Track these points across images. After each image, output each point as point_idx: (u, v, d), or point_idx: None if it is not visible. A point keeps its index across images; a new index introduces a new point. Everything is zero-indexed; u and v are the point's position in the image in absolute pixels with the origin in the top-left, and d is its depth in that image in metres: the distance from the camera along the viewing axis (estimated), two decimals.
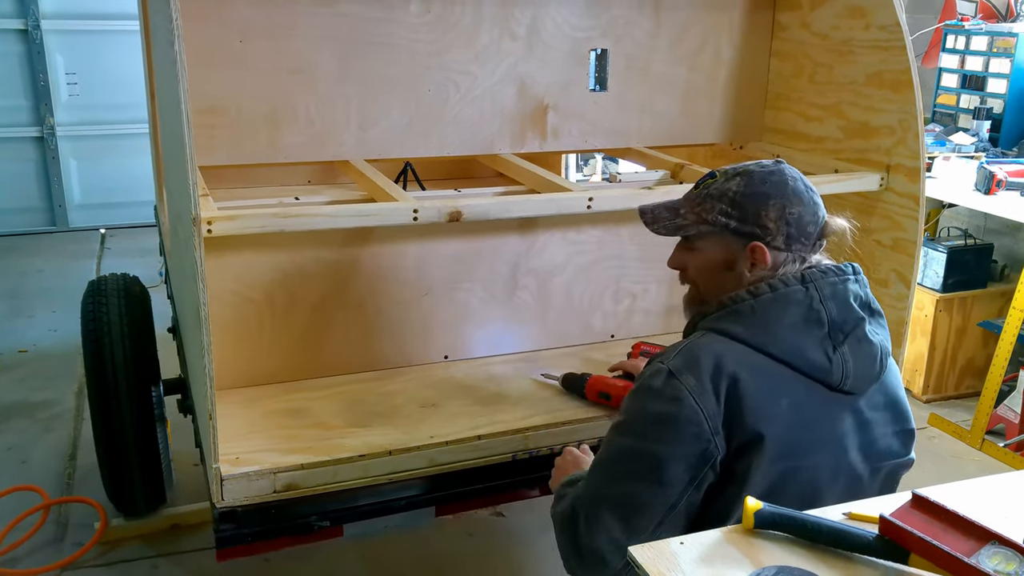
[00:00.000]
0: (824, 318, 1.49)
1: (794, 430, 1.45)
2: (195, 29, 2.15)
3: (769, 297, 1.50)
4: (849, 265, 1.57)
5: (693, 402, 1.41)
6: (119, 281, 2.68)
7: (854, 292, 1.53)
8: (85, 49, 5.76)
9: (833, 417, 1.51)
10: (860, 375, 1.51)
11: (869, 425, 1.55)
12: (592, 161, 6.18)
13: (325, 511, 1.90)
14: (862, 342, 1.51)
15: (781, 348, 1.47)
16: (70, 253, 5.59)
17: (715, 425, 1.42)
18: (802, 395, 1.47)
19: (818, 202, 1.58)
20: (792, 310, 1.49)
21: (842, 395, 1.51)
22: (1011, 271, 3.89)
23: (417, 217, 1.98)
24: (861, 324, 1.52)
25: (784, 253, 1.54)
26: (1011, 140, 4.08)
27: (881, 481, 1.59)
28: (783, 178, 1.57)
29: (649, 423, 1.46)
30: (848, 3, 2.48)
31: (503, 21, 2.47)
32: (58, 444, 3.33)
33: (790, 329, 1.48)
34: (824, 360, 1.48)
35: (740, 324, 1.50)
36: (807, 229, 1.54)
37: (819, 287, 1.50)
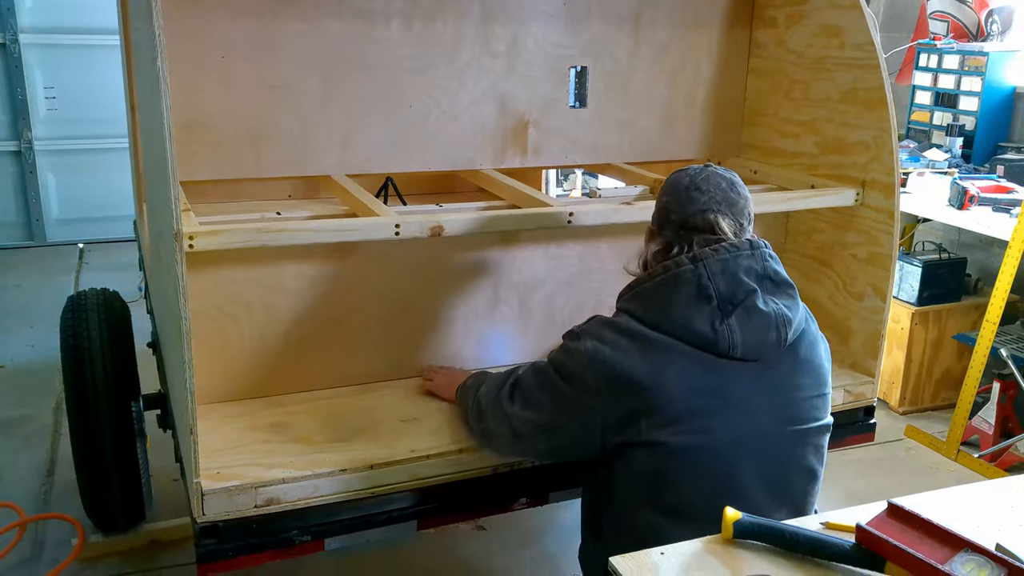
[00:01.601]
0: (712, 293, 1.65)
1: (683, 396, 1.62)
2: (178, 45, 2.15)
3: (662, 279, 1.70)
4: (748, 241, 1.73)
5: (584, 360, 1.68)
6: (99, 296, 2.67)
7: (746, 266, 1.68)
8: (64, 63, 5.74)
9: (728, 383, 1.65)
10: (752, 343, 1.66)
11: (778, 389, 1.69)
12: (572, 177, 6.22)
13: (306, 526, 1.89)
14: (752, 312, 1.65)
15: (672, 324, 1.66)
16: (48, 268, 5.55)
17: (597, 384, 1.66)
18: (688, 363, 1.64)
19: (694, 199, 1.75)
20: (683, 288, 1.67)
21: (740, 363, 1.66)
22: (984, 285, 3.95)
23: (399, 232, 1.99)
24: (752, 295, 1.66)
25: (656, 236, 1.81)
26: (983, 156, 4.15)
27: (810, 445, 1.72)
28: (678, 175, 1.83)
29: (558, 364, 1.76)
30: (823, 22, 2.52)
31: (484, 39, 2.50)
32: (35, 460, 3.30)
33: (682, 306, 1.66)
34: (709, 331, 1.64)
35: (640, 304, 1.72)
36: (670, 218, 1.78)
37: (708, 264, 1.67)
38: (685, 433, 1.62)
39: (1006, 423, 3.59)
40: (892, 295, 2.47)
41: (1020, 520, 1.35)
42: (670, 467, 1.63)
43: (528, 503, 2.16)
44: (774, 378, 1.69)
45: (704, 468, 1.63)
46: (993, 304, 3.36)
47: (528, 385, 1.81)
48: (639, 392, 1.63)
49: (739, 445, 1.64)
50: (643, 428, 1.63)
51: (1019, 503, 1.40)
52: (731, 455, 1.64)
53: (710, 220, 1.74)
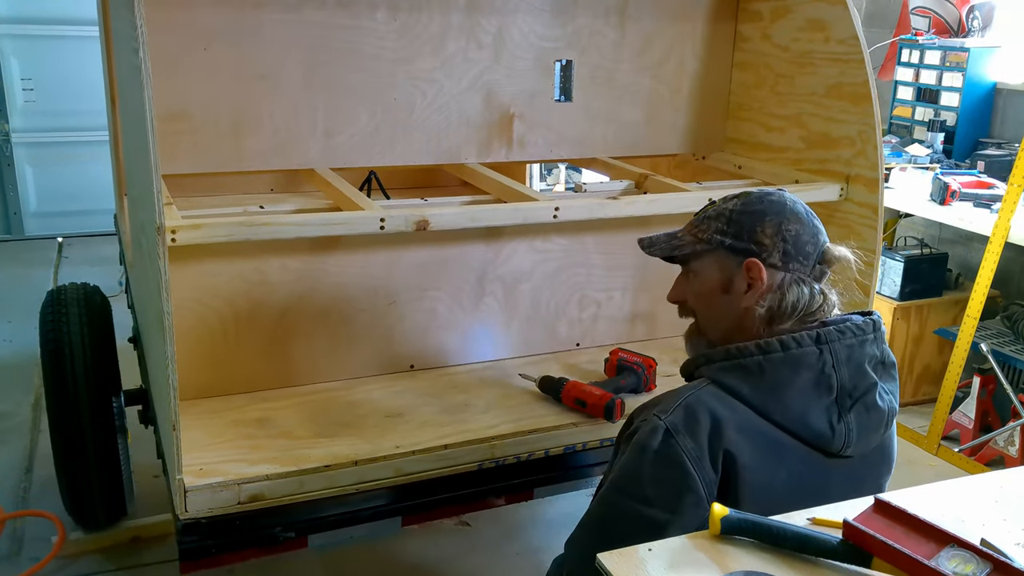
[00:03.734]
0: (834, 384, 1.42)
1: (787, 502, 1.37)
2: (158, 36, 2.12)
3: (780, 357, 1.42)
4: (871, 322, 1.50)
5: (692, 469, 1.35)
6: (79, 291, 2.64)
7: (870, 355, 1.47)
8: (41, 54, 5.66)
9: (827, 482, 1.45)
10: (863, 440, 1.46)
11: (864, 483, 1.49)
12: (555, 171, 6.21)
13: (290, 522, 1.88)
14: (871, 410, 1.46)
15: (786, 416, 1.41)
16: (25, 262, 5.48)
17: (711, 491, 1.37)
18: (800, 465, 1.42)
19: (819, 226, 1.52)
20: (803, 374, 1.41)
21: (840, 459, 1.47)
22: (965, 280, 3.98)
23: (384, 226, 1.98)
24: (872, 390, 1.46)
25: (781, 273, 1.48)
26: (964, 152, 4.18)
27: None
28: (781, 198, 1.53)
29: (648, 486, 1.37)
30: (808, 16, 2.53)
31: (470, 30, 2.48)
32: (14, 457, 3.26)
33: (798, 394, 1.41)
34: (827, 429, 1.42)
35: (746, 383, 1.42)
36: (805, 248, 1.48)
37: (834, 350, 1.43)
38: None
39: (986, 417, 3.62)
40: (875, 290, 2.48)
41: (1004, 515, 1.36)
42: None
43: (513, 499, 2.15)
44: (863, 472, 1.50)
45: None
46: (974, 299, 3.39)
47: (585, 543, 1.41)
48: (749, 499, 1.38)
49: None
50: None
51: (1003, 498, 1.41)
52: None
53: (838, 251, 1.52)
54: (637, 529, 1.34)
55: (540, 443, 2.08)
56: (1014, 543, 1.28)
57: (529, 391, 2.28)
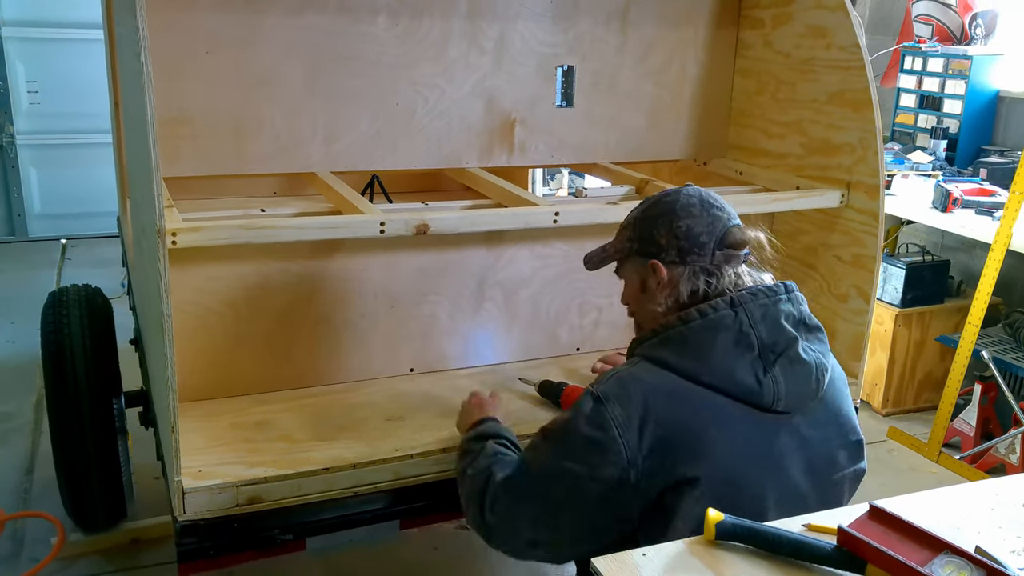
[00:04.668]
0: (754, 341, 1.51)
1: (727, 459, 1.47)
2: (161, 40, 2.14)
3: (699, 324, 1.53)
4: (781, 284, 1.60)
5: (616, 433, 1.46)
6: (81, 292, 2.65)
7: (786, 312, 1.55)
8: (47, 57, 5.69)
9: (768, 439, 1.52)
10: (794, 394, 1.53)
11: (809, 443, 1.56)
12: (559, 176, 6.22)
13: (289, 525, 1.88)
14: (795, 362, 1.53)
15: (712, 375, 1.49)
16: (29, 263, 5.50)
17: (633, 457, 1.45)
18: (733, 421, 1.49)
19: (717, 215, 1.62)
20: (722, 335, 1.51)
21: (777, 415, 1.53)
22: (967, 287, 3.98)
23: (384, 230, 1.98)
24: (793, 344, 1.53)
25: (680, 267, 1.60)
26: (966, 159, 4.18)
27: (829, 495, 1.60)
28: (675, 197, 1.65)
29: (574, 443, 1.51)
30: (809, 23, 2.53)
31: (471, 35, 2.49)
32: (15, 458, 3.27)
33: (721, 355, 1.50)
34: (754, 383, 1.50)
35: (672, 353, 1.53)
36: (700, 240, 1.60)
37: (749, 310, 1.53)
38: (728, 497, 1.44)
39: (987, 425, 3.62)
40: (876, 297, 2.48)
41: (999, 522, 1.36)
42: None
43: None
44: (805, 430, 1.56)
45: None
46: (975, 306, 3.38)
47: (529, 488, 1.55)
48: (683, 462, 1.45)
49: (777, 503, 1.51)
50: (686, 494, 1.45)
51: (999, 505, 1.41)
52: (769, 514, 1.47)
53: (744, 232, 1.63)
54: (555, 478, 1.50)
55: None
56: (1009, 550, 1.28)
57: (529, 395, 2.29)
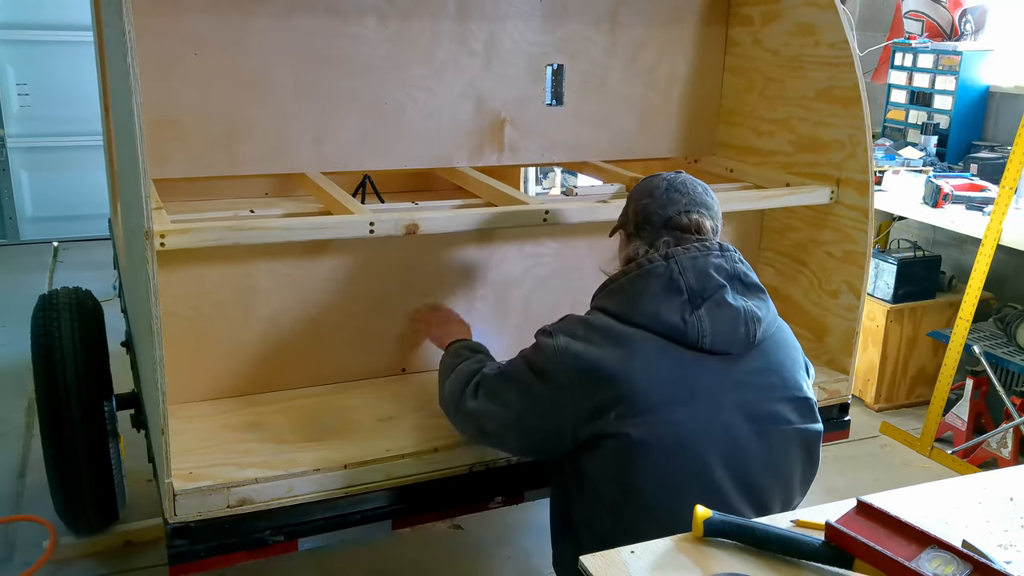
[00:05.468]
0: (683, 286, 1.70)
1: (650, 387, 1.65)
2: (150, 42, 2.14)
3: (636, 273, 1.75)
4: (717, 243, 1.78)
5: (554, 357, 1.72)
6: (71, 295, 2.64)
7: (716, 264, 1.74)
8: (37, 60, 5.66)
9: (695, 374, 1.68)
10: (721, 334, 1.69)
11: (745, 386, 1.71)
12: (551, 175, 6.22)
13: (280, 526, 1.88)
14: (721, 305, 1.70)
15: (640, 315, 1.70)
16: (21, 266, 5.49)
17: (568, 380, 1.69)
18: (657, 354, 1.68)
19: (675, 199, 1.81)
20: (654, 282, 1.72)
21: (709, 355, 1.69)
22: (958, 282, 3.99)
23: (374, 230, 1.98)
24: (721, 290, 1.71)
25: (635, 239, 1.84)
26: (957, 155, 4.19)
27: (774, 446, 1.72)
28: (651, 179, 1.89)
29: (530, 361, 1.78)
30: (798, 20, 2.54)
31: (461, 36, 2.49)
32: (6, 462, 3.27)
33: (651, 298, 1.71)
34: (679, 322, 1.68)
35: (611, 299, 1.77)
36: (651, 219, 1.82)
37: (679, 261, 1.73)
38: (653, 424, 1.64)
39: (979, 419, 3.63)
40: (867, 292, 2.48)
41: (987, 516, 1.37)
42: (638, 458, 1.64)
43: (504, 502, 2.16)
44: (740, 374, 1.71)
45: (671, 459, 1.64)
46: (966, 302, 3.39)
47: (496, 383, 1.84)
48: (608, 384, 1.66)
49: (705, 436, 1.66)
50: (612, 419, 1.65)
51: (986, 500, 1.41)
52: (698, 446, 1.65)
53: (695, 219, 1.80)
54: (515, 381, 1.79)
55: None
56: (996, 544, 1.29)
57: None
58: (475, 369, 1.93)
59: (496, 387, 1.83)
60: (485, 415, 1.84)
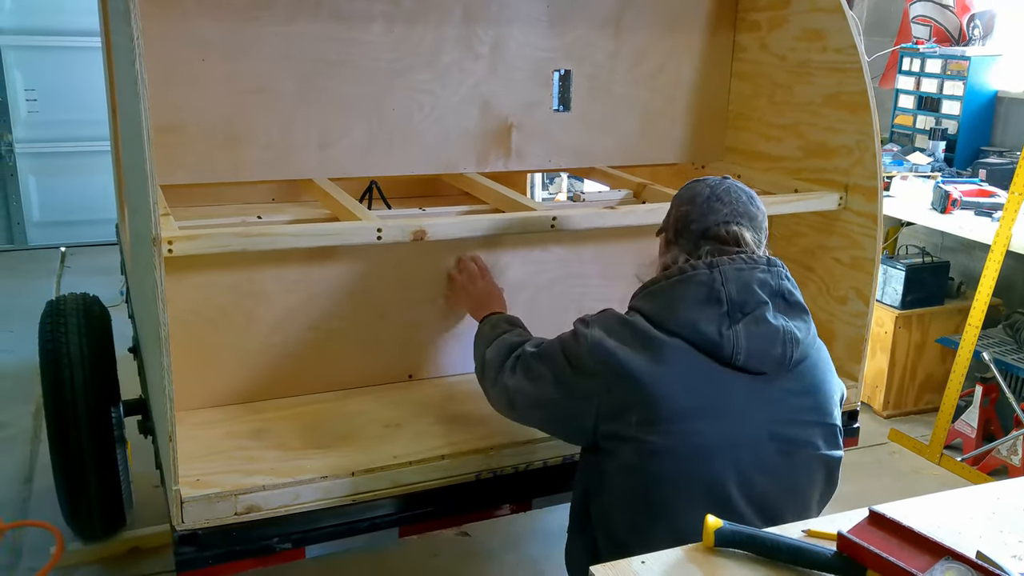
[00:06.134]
0: (723, 298, 1.65)
1: (676, 396, 1.62)
2: (157, 48, 2.13)
3: (677, 278, 1.70)
4: (765, 257, 1.72)
5: (587, 346, 1.70)
6: (79, 301, 2.64)
7: (760, 280, 1.68)
8: (45, 65, 5.69)
9: (726, 389, 1.64)
10: (757, 353, 1.64)
11: (778, 406, 1.67)
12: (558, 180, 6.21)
13: (287, 533, 1.88)
14: (760, 323, 1.65)
15: (677, 322, 1.66)
16: (28, 272, 5.50)
17: (597, 369, 1.68)
18: (688, 365, 1.64)
19: (716, 209, 1.75)
20: (694, 289, 1.67)
21: (743, 373, 1.64)
22: (967, 288, 3.97)
23: (381, 236, 1.98)
24: (762, 307, 1.65)
25: (674, 246, 1.80)
26: (965, 160, 4.17)
27: (798, 468, 1.69)
28: (695, 185, 1.82)
29: (565, 346, 1.78)
30: (805, 26, 2.53)
31: (466, 41, 2.49)
32: (13, 467, 3.27)
33: (690, 306, 1.66)
34: (715, 335, 1.63)
35: (650, 302, 1.72)
36: (690, 227, 1.77)
37: (723, 271, 1.67)
38: (673, 434, 1.61)
39: (988, 426, 3.61)
40: (875, 299, 2.47)
41: (1001, 527, 1.35)
42: (655, 465, 1.62)
43: (512, 510, 2.15)
44: (774, 394, 1.66)
45: (688, 470, 1.62)
46: (975, 308, 3.38)
47: (532, 361, 1.84)
48: (635, 386, 1.63)
49: (726, 451, 1.62)
50: (633, 423, 1.63)
51: (1000, 510, 1.40)
52: (717, 460, 1.62)
53: (733, 231, 1.73)
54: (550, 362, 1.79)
55: (538, 453, 2.08)
56: (1010, 555, 1.27)
57: None
58: (517, 342, 1.94)
59: (532, 366, 1.83)
60: (518, 391, 1.84)
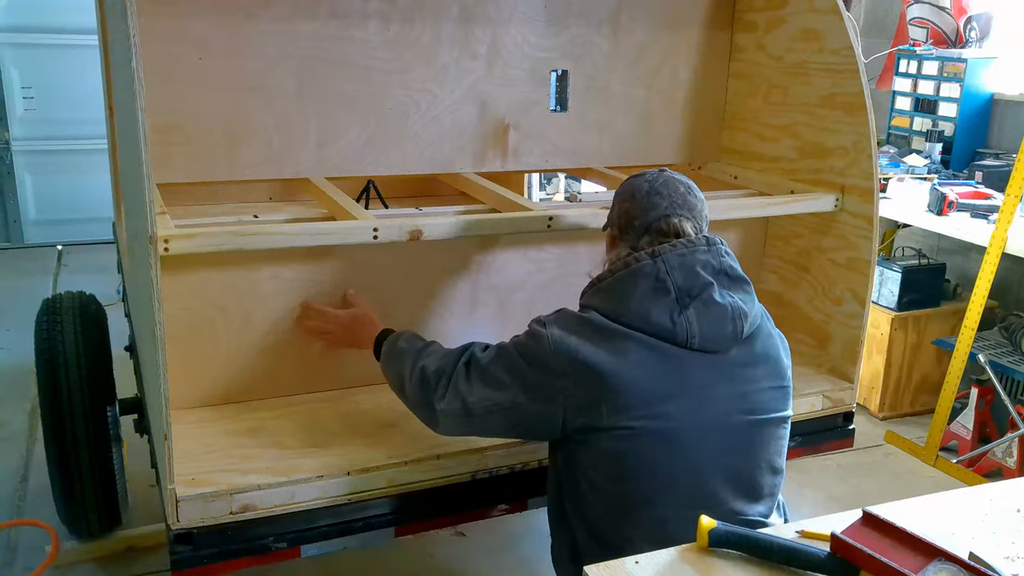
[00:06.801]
0: (670, 286, 1.71)
1: (642, 382, 1.67)
2: (154, 46, 2.14)
3: (623, 273, 1.75)
4: (704, 237, 1.78)
5: (548, 346, 1.72)
6: (74, 299, 2.64)
7: (703, 261, 1.74)
8: (42, 63, 5.68)
9: (687, 371, 1.70)
10: (710, 334, 1.71)
11: (737, 380, 1.74)
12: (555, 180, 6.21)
13: (282, 532, 1.88)
14: (709, 305, 1.71)
15: (630, 315, 1.71)
16: (24, 270, 5.49)
17: (562, 369, 1.69)
18: (647, 353, 1.69)
19: (655, 204, 1.80)
20: (641, 281, 1.72)
21: (700, 353, 1.70)
22: (963, 290, 3.98)
23: (378, 236, 1.98)
24: (708, 288, 1.72)
25: (619, 241, 1.85)
26: (962, 162, 4.18)
27: (769, 435, 1.77)
28: (634, 180, 1.88)
29: (523, 348, 1.78)
30: (802, 26, 2.53)
31: (463, 40, 2.49)
32: (9, 466, 3.26)
33: (640, 298, 1.71)
34: (668, 323, 1.69)
35: (602, 298, 1.76)
36: (633, 223, 1.82)
37: (666, 259, 1.72)
38: (645, 418, 1.65)
39: (984, 428, 3.61)
40: (871, 300, 2.47)
41: (994, 528, 1.36)
42: (630, 451, 1.66)
43: (507, 509, 2.15)
44: (731, 369, 1.73)
45: (663, 453, 1.67)
46: (971, 310, 3.38)
47: (488, 364, 1.81)
48: (600, 378, 1.67)
49: (698, 431, 1.68)
50: (604, 413, 1.66)
51: (993, 511, 1.40)
52: (690, 440, 1.67)
53: (674, 224, 1.79)
54: (508, 366, 1.78)
55: (533, 454, 2.08)
56: (1003, 556, 1.28)
57: None
58: (456, 351, 1.88)
59: (490, 371, 1.80)
60: (477, 399, 1.80)
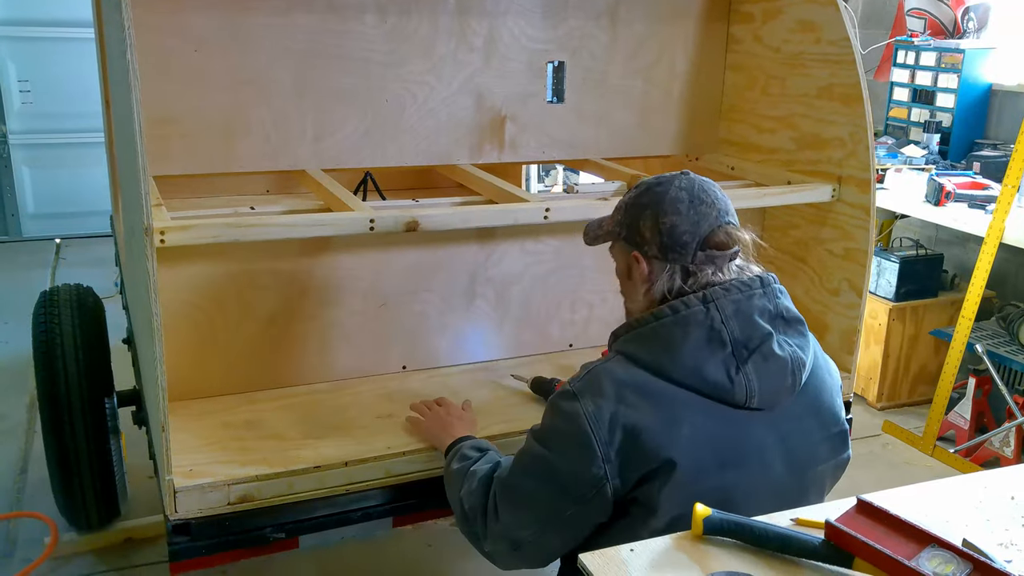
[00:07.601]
0: (726, 338, 1.49)
1: (699, 453, 1.46)
2: (150, 39, 2.13)
3: (670, 320, 1.51)
4: (757, 278, 1.56)
5: (587, 426, 1.47)
6: (72, 292, 2.64)
7: (760, 307, 1.53)
8: (38, 56, 5.67)
9: (744, 434, 1.51)
10: (768, 391, 1.51)
11: (789, 436, 1.56)
12: (553, 172, 6.21)
13: (280, 523, 1.88)
14: (768, 358, 1.50)
15: (681, 372, 1.48)
16: (22, 263, 5.49)
17: (606, 452, 1.46)
18: (704, 418, 1.48)
19: (704, 213, 1.56)
20: (693, 332, 1.49)
21: (753, 411, 1.51)
22: (961, 280, 3.98)
23: (374, 227, 1.98)
24: (768, 340, 1.51)
25: (661, 263, 1.57)
26: (959, 153, 4.18)
27: (810, 488, 1.61)
28: (666, 189, 1.59)
29: (551, 435, 1.54)
30: (799, 17, 2.53)
31: (460, 32, 2.48)
32: (8, 458, 3.27)
33: (691, 352, 1.48)
34: (726, 380, 1.48)
35: (643, 348, 1.52)
36: (682, 239, 1.55)
37: (721, 306, 1.50)
38: (699, 493, 1.42)
39: (981, 418, 3.62)
40: (869, 290, 2.48)
41: (987, 515, 1.36)
42: (679, 523, 1.43)
43: None
44: (785, 425, 1.55)
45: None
46: (969, 300, 3.39)
47: (512, 484, 1.59)
48: (652, 456, 1.46)
49: (754, 496, 1.51)
50: (656, 491, 1.46)
51: (987, 499, 1.41)
52: (743, 502, 1.47)
53: (731, 233, 1.57)
54: (539, 469, 1.54)
55: None
56: (996, 543, 1.28)
57: (521, 392, 2.29)
58: (489, 474, 1.67)
59: (511, 488, 1.57)
60: (513, 525, 1.57)
